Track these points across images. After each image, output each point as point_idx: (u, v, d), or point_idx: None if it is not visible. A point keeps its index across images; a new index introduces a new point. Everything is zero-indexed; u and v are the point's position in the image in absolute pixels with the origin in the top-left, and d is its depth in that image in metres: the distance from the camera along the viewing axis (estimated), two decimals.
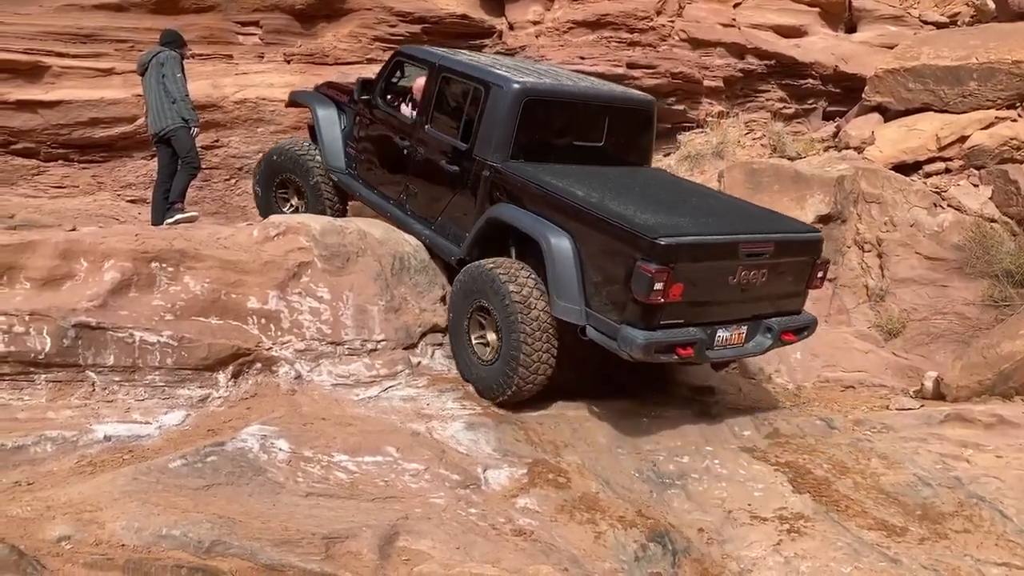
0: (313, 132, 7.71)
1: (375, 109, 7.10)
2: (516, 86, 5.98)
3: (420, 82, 6.85)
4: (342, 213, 7.54)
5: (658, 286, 4.86)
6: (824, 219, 8.56)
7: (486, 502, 4.60)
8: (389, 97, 7.15)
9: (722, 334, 5.39)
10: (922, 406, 6.75)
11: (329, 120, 7.49)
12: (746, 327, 5.52)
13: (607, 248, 5.19)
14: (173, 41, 8.05)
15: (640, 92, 7.35)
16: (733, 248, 5.31)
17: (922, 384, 7.27)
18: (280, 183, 7.70)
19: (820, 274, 5.85)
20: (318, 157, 7.46)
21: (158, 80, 7.73)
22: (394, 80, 7.17)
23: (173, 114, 7.70)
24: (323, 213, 7.20)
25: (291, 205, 7.68)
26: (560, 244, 5.36)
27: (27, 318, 4.97)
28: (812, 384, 7.37)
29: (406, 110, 7.03)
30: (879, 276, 8.19)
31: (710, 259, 5.22)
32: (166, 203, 7.87)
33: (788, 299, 5.80)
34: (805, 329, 5.96)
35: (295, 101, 8.32)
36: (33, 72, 10.40)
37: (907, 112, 10.71)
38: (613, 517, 4.63)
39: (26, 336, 4.93)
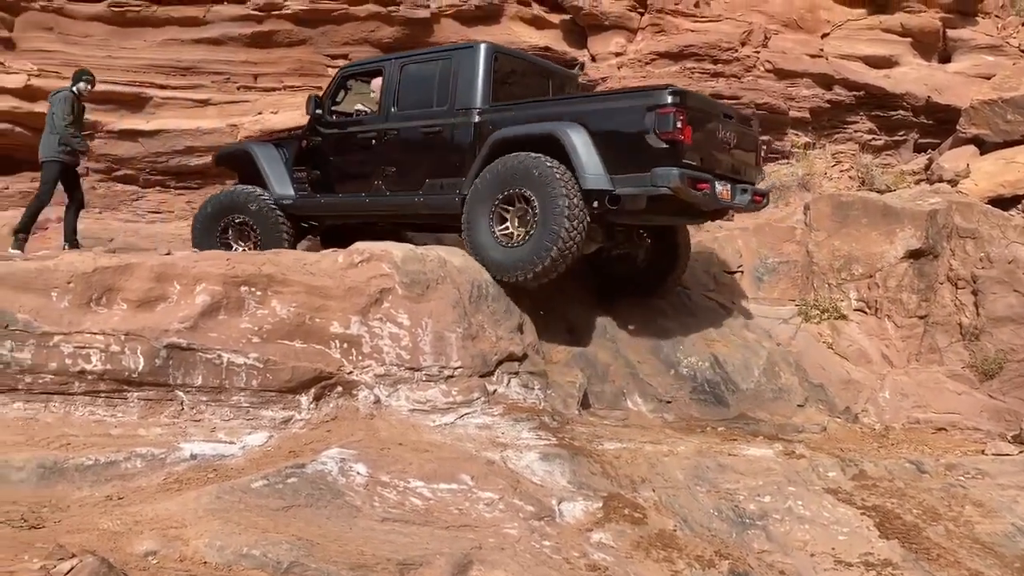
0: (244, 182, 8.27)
1: (328, 124, 7.78)
2: (484, 44, 7.29)
3: (377, 83, 7.67)
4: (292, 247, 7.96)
5: (678, 124, 6.07)
6: (915, 254, 8.26)
7: (560, 535, 4.55)
8: (334, 115, 7.90)
9: (718, 187, 6.55)
10: (1021, 452, 6.40)
11: (271, 157, 8.10)
12: (730, 185, 6.77)
13: (623, 118, 6.36)
14: (73, 78, 8.53)
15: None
16: (714, 104, 6.99)
17: (1021, 428, 6.91)
18: (224, 227, 7.98)
19: (763, 150, 7.62)
20: (266, 196, 7.90)
21: (49, 114, 8.28)
22: (339, 98, 7.97)
23: (50, 148, 8.16)
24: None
25: (239, 247, 7.94)
26: (576, 131, 6.42)
27: (123, 338, 5.19)
28: (901, 425, 7.10)
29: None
30: (974, 314, 7.84)
31: (703, 110, 6.57)
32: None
33: (749, 168, 7.20)
34: (767, 195, 7.55)
35: (226, 156, 8.83)
36: (135, 103, 10.93)
37: (1005, 144, 10.29)
38: (691, 556, 4.53)
39: (121, 355, 5.15)
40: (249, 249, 7.86)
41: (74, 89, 8.35)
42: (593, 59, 11.99)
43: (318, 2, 11.13)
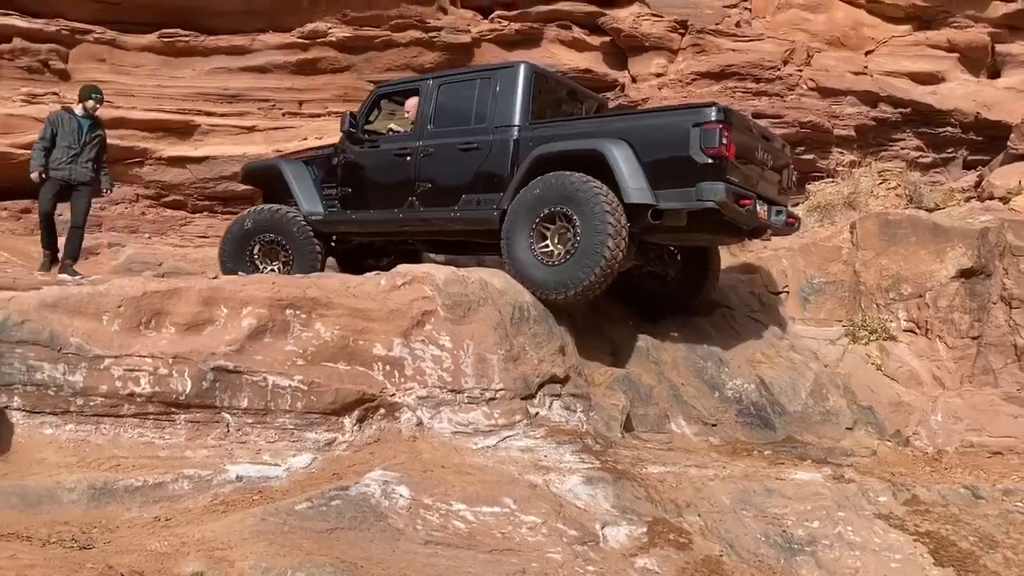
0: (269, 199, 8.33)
1: (362, 141, 7.89)
2: (523, 63, 7.41)
3: (411, 102, 7.78)
4: (322, 267, 8.07)
5: (724, 140, 6.17)
6: (966, 273, 8.07)
7: (604, 560, 4.50)
8: (367, 133, 7.97)
9: (757, 206, 6.59)
10: None
11: (300, 174, 8.17)
12: (766, 206, 6.83)
13: (668, 134, 6.45)
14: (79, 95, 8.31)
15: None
16: (754, 124, 7.14)
17: None
18: (253, 247, 8.04)
19: (793, 176, 7.71)
20: (297, 214, 7.97)
21: None
22: (371, 116, 8.06)
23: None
24: (311, 268, 7.76)
25: (270, 270, 7.98)
26: (620, 147, 6.50)
27: (171, 361, 5.26)
28: (954, 449, 6.91)
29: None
30: None
31: (743, 130, 6.62)
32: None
33: (781, 192, 7.32)
34: (799, 218, 7.74)
35: (253, 172, 8.87)
36: (184, 130, 11.22)
37: None
38: None
39: (169, 378, 5.23)
40: (279, 269, 7.96)
41: (75, 108, 8.16)
42: (634, 80, 12.02)
43: (361, 29, 11.35)
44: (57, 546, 4.03)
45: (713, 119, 6.25)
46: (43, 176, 7.86)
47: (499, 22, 11.80)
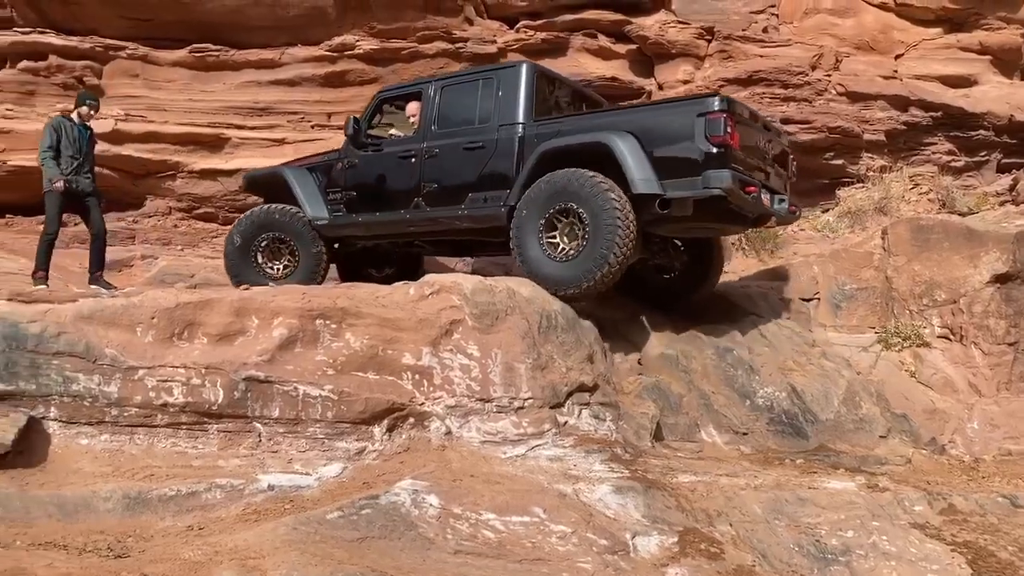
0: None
1: (366, 145, 7.93)
2: (525, 63, 7.58)
3: (413, 106, 7.89)
4: (326, 274, 8.13)
5: (728, 128, 6.27)
6: (1002, 278, 7.93)
7: (635, 570, 4.47)
8: (370, 137, 8.01)
9: (761, 194, 6.66)
10: None
11: (304, 180, 8.23)
12: (769, 194, 6.91)
13: (672, 125, 6.55)
14: (76, 101, 8.13)
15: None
16: (755, 115, 7.21)
17: None
18: (256, 248, 8.04)
19: (794, 166, 7.78)
20: (301, 212, 8.04)
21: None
22: (374, 122, 8.13)
23: (44, 180, 7.75)
24: (315, 271, 7.91)
25: (279, 268, 8.07)
26: (626, 140, 6.59)
27: (203, 371, 5.33)
28: (992, 457, 6.78)
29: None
30: None
31: (745, 120, 6.71)
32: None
33: (782, 180, 7.43)
34: (799, 207, 7.87)
35: (256, 180, 8.88)
36: (215, 143, 11.37)
37: None
38: None
39: (202, 388, 5.30)
40: (284, 268, 8.06)
41: (72, 115, 7.95)
42: (660, 87, 11.99)
43: (388, 42, 11.44)
44: (93, 555, 4.09)
45: (716, 108, 6.35)
46: (67, 185, 7.64)
47: (525, 32, 11.83)
